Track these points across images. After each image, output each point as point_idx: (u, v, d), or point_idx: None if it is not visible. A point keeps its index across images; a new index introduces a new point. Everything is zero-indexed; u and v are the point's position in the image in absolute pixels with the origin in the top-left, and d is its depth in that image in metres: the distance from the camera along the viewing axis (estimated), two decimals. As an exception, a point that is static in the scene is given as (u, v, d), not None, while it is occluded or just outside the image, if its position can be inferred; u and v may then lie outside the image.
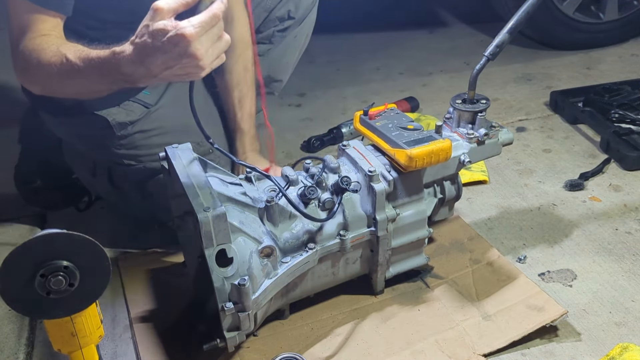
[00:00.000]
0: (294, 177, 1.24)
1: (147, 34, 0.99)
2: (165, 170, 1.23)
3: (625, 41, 2.61)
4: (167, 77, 1.05)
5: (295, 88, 2.34)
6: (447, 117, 1.38)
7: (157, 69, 1.02)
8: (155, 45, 0.99)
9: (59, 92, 1.23)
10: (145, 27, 1.00)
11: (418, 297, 1.35)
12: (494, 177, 1.78)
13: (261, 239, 1.15)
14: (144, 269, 1.46)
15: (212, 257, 1.07)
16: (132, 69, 1.04)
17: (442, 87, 2.36)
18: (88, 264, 0.91)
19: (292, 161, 1.90)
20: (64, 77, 1.15)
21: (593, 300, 1.34)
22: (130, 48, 1.03)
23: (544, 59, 2.51)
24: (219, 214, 1.04)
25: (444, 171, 1.35)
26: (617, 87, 2.09)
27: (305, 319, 1.30)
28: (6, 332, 1.33)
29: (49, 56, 1.14)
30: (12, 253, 0.87)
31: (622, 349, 1.19)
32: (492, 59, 1.30)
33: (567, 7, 2.44)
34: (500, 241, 1.53)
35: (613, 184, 1.72)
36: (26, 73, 1.21)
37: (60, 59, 1.13)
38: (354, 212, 1.24)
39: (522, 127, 2.04)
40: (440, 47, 2.71)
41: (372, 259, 1.30)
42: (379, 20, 2.92)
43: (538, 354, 1.22)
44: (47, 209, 1.68)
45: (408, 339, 1.24)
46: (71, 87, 1.19)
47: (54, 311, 0.92)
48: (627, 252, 1.47)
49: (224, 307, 1.08)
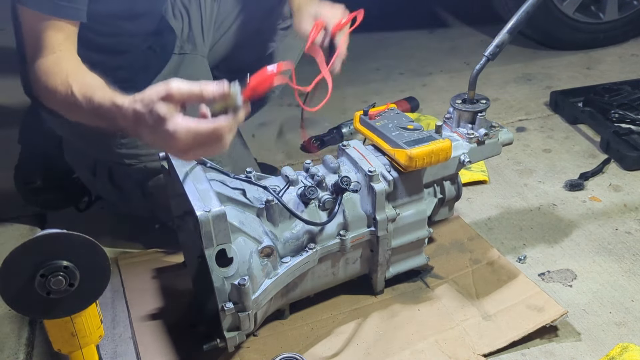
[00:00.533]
0: (294, 177, 1.24)
1: (147, 111, 0.98)
2: (166, 170, 1.23)
3: (625, 41, 2.61)
4: None
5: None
6: (447, 117, 1.38)
7: (145, 139, 1.02)
8: (149, 124, 0.98)
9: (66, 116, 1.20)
10: (150, 100, 0.98)
11: (418, 297, 1.35)
12: (494, 177, 1.78)
13: (261, 239, 1.15)
14: (144, 269, 1.46)
15: (212, 257, 1.07)
16: (126, 126, 1.04)
17: (442, 87, 2.36)
18: (88, 264, 0.91)
19: (292, 161, 1.91)
20: (68, 108, 1.14)
21: (593, 300, 1.34)
22: (129, 109, 1.01)
23: (544, 59, 2.51)
24: (219, 214, 1.04)
25: (444, 171, 1.35)
26: (617, 87, 2.09)
27: (305, 319, 1.30)
28: (6, 332, 1.33)
29: (58, 83, 1.12)
30: (12, 253, 0.87)
31: (622, 349, 1.19)
32: (492, 59, 1.30)
33: (567, 7, 2.44)
34: (500, 241, 1.53)
35: (613, 184, 1.72)
36: (39, 92, 1.19)
37: (66, 90, 1.10)
38: (354, 212, 1.24)
39: (522, 127, 2.04)
40: (440, 47, 2.71)
41: (372, 259, 1.30)
42: (379, 20, 2.92)
43: (538, 354, 1.22)
44: (47, 209, 1.68)
45: (408, 339, 1.24)
46: (75, 117, 1.17)
47: (54, 311, 0.92)
48: (627, 252, 1.47)
49: (224, 307, 1.08)
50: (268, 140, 2.04)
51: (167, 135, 0.97)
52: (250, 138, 2.02)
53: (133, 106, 1.00)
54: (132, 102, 1.01)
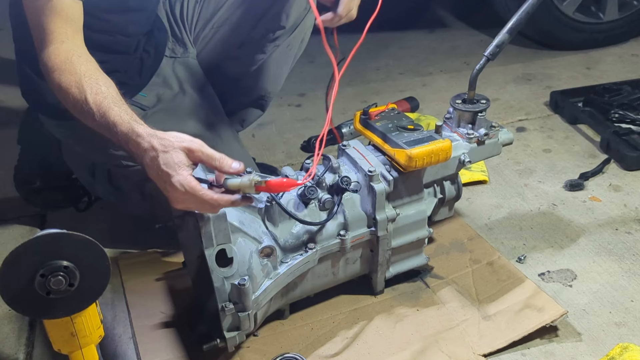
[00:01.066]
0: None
1: (162, 151, 0.99)
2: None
3: (625, 41, 2.61)
4: None
5: (295, 88, 2.34)
6: (447, 117, 1.38)
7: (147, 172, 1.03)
8: (158, 164, 0.99)
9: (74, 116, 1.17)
10: (170, 144, 0.99)
11: (418, 297, 1.35)
12: (494, 177, 1.78)
13: (261, 239, 1.15)
14: (144, 269, 1.46)
15: (212, 257, 1.07)
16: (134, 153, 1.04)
17: (442, 87, 2.36)
18: (88, 264, 0.91)
19: (292, 161, 1.91)
20: (79, 112, 1.11)
21: (593, 300, 1.34)
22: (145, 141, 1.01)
23: (544, 59, 2.51)
24: (219, 214, 1.04)
25: (444, 171, 1.35)
26: (617, 87, 2.09)
27: (305, 319, 1.30)
28: (6, 332, 1.33)
29: (70, 84, 1.10)
30: (12, 253, 0.87)
31: (622, 349, 1.19)
32: (492, 59, 1.30)
33: (567, 7, 2.44)
34: (500, 241, 1.53)
35: (613, 184, 1.72)
36: (50, 85, 1.15)
37: (79, 95, 1.08)
38: (354, 212, 1.24)
39: (522, 127, 2.04)
40: (440, 47, 2.71)
41: (372, 259, 1.30)
42: (379, 20, 2.92)
43: (538, 354, 1.22)
44: (47, 209, 1.68)
45: (408, 339, 1.24)
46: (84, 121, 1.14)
47: (54, 311, 0.92)
48: (627, 252, 1.47)
49: (224, 307, 1.08)
50: (268, 140, 2.04)
51: (169, 182, 0.99)
52: (250, 138, 2.02)
53: (150, 140, 1.01)
54: (150, 136, 1.01)
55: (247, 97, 1.69)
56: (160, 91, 1.45)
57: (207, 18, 1.55)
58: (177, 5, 1.55)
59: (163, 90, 1.46)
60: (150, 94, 1.43)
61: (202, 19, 1.55)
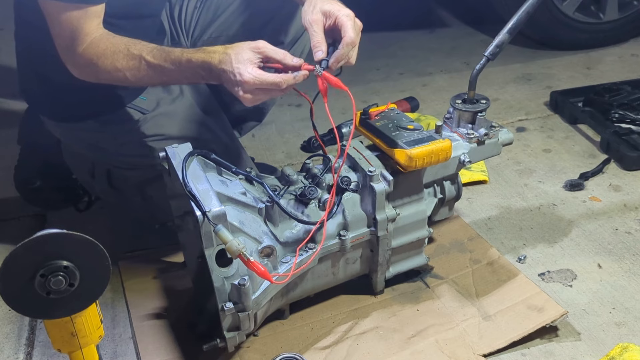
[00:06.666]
0: (294, 177, 1.24)
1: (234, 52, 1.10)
2: (166, 171, 1.23)
3: (625, 41, 2.61)
4: None
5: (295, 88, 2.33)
6: (447, 117, 1.38)
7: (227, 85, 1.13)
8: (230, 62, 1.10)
9: (128, 84, 1.25)
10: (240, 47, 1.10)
11: (418, 297, 1.35)
12: (494, 177, 1.78)
13: (261, 239, 1.15)
14: (144, 269, 1.46)
15: (212, 257, 1.07)
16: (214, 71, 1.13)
17: (442, 87, 2.35)
18: (88, 264, 0.91)
19: (292, 161, 1.91)
20: (143, 77, 1.19)
21: (593, 300, 1.34)
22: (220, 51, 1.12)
23: (544, 59, 2.51)
24: (219, 214, 1.04)
25: (444, 171, 1.35)
26: (617, 87, 2.09)
27: (305, 319, 1.30)
28: (6, 332, 1.33)
29: (123, 59, 1.18)
30: (12, 253, 0.86)
31: (622, 349, 1.19)
32: (492, 59, 1.30)
33: (567, 7, 2.44)
34: (500, 241, 1.53)
35: (613, 184, 1.72)
36: (92, 76, 1.22)
37: (138, 61, 1.17)
38: (354, 212, 1.24)
39: (522, 127, 2.04)
40: (440, 47, 2.71)
41: (372, 259, 1.30)
42: (379, 20, 2.92)
43: (538, 354, 1.22)
44: (47, 209, 1.68)
45: (408, 339, 1.24)
46: (153, 82, 1.25)
47: (54, 311, 0.92)
48: (627, 252, 1.47)
49: (224, 307, 1.08)
50: (268, 140, 2.04)
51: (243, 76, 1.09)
52: (251, 138, 2.02)
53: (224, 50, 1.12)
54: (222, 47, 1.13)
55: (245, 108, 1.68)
56: (160, 95, 1.45)
57: (205, 26, 1.55)
58: (176, 9, 1.55)
59: (163, 94, 1.45)
60: (150, 97, 1.43)
61: (199, 25, 1.55)
